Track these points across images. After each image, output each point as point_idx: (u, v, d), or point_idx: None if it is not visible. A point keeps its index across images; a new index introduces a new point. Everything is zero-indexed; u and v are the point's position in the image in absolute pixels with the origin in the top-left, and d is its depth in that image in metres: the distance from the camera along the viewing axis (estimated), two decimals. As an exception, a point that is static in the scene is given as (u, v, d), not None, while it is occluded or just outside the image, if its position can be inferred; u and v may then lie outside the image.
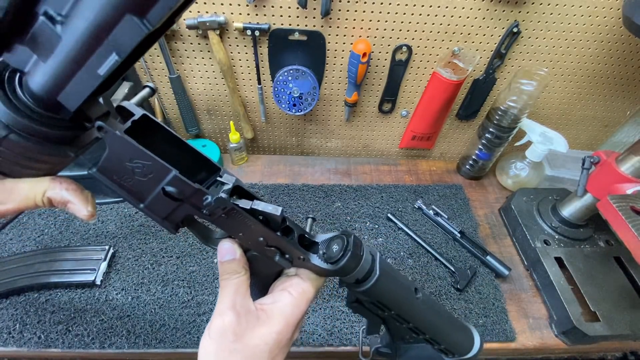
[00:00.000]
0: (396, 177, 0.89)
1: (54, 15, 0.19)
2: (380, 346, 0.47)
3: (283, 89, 0.73)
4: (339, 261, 0.31)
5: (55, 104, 0.22)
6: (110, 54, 0.19)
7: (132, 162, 0.26)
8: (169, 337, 0.57)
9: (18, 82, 0.22)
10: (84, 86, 0.21)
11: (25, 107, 0.22)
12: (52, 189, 0.26)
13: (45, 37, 0.20)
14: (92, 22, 0.19)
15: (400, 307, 0.36)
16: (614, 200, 0.54)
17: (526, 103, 0.72)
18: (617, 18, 0.67)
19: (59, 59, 0.20)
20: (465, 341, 0.41)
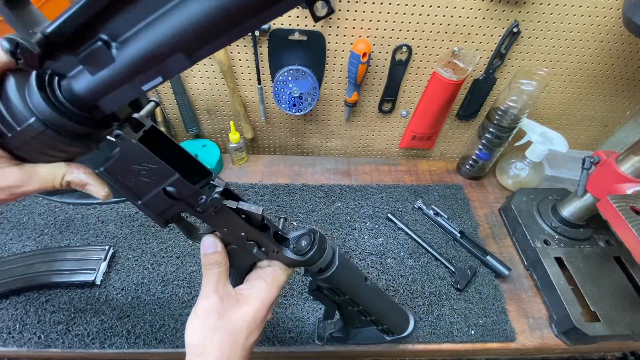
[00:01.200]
0: (396, 177, 0.89)
1: (110, 42, 0.22)
2: (334, 331, 0.54)
3: (283, 89, 0.73)
4: (307, 253, 0.37)
5: (92, 106, 0.25)
6: (156, 77, 0.23)
7: (140, 165, 0.29)
8: (169, 337, 0.57)
9: (57, 84, 0.24)
10: (125, 96, 0.24)
11: (62, 106, 0.24)
12: (70, 173, 0.29)
13: (98, 58, 0.22)
14: (149, 54, 0.22)
15: (353, 292, 0.43)
16: (614, 200, 0.54)
17: (526, 103, 0.72)
18: (617, 18, 0.67)
19: (109, 74, 0.23)
20: (402, 322, 0.50)
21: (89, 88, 0.24)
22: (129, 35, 0.21)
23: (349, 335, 0.54)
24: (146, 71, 0.23)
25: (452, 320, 0.63)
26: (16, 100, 0.24)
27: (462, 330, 0.62)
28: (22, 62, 0.21)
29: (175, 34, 0.20)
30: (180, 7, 0.20)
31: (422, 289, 0.67)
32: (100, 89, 0.24)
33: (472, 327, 0.62)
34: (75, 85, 0.24)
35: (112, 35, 0.22)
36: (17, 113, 0.24)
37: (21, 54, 0.20)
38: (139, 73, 0.23)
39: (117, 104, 0.25)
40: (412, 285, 0.67)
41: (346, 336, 0.54)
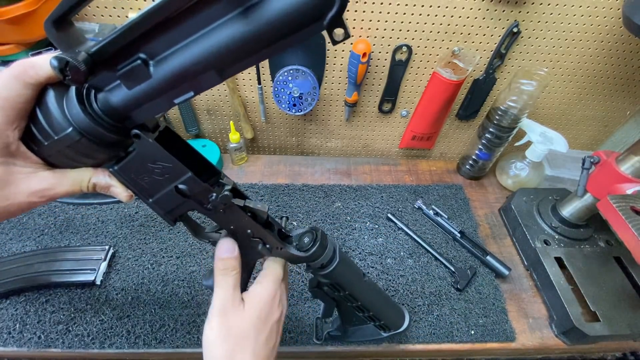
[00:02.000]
0: (396, 177, 0.89)
1: (148, 60, 0.24)
2: (332, 330, 0.55)
3: (283, 89, 0.73)
4: (310, 250, 0.39)
5: (125, 117, 0.27)
6: (188, 92, 0.25)
7: (154, 164, 0.30)
8: (169, 337, 0.57)
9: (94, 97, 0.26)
10: (158, 109, 0.26)
11: (98, 117, 0.26)
12: (96, 176, 0.31)
13: (136, 74, 0.24)
14: (184, 72, 0.24)
15: (352, 288, 0.44)
16: (614, 200, 0.54)
17: (526, 103, 0.72)
18: (617, 18, 0.67)
19: (145, 89, 0.25)
20: (398, 318, 0.51)
21: (125, 101, 0.26)
22: (166, 55, 0.24)
23: (346, 333, 0.55)
24: (179, 86, 0.25)
25: (452, 320, 0.63)
26: (55, 112, 0.26)
27: (462, 330, 0.62)
28: (69, 78, 0.23)
29: (209, 54, 0.23)
30: (215, 31, 0.22)
31: (422, 289, 0.67)
32: (135, 102, 0.26)
33: (472, 327, 0.62)
34: (112, 98, 0.26)
35: (150, 54, 0.24)
36: (56, 123, 0.26)
37: (69, 72, 0.23)
38: (173, 88, 0.25)
39: (149, 116, 0.27)
40: (412, 285, 0.67)
41: (344, 334, 0.55)
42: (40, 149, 0.28)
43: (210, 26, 0.22)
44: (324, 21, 0.20)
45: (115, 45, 0.23)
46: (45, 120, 0.26)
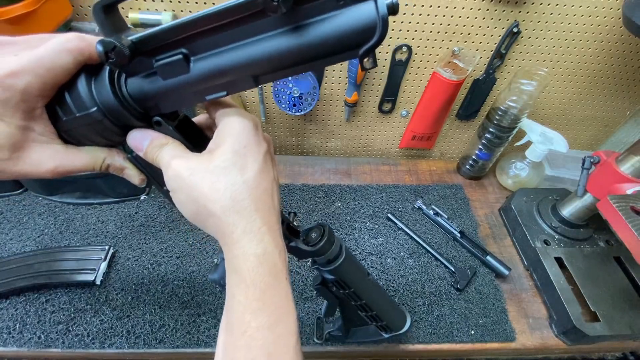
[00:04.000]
0: (396, 177, 0.89)
1: (189, 56, 0.25)
2: (333, 330, 0.55)
3: (283, 89, 0.73)
4: (318, 244, 0.39)
5: (152, 105, 0.28)
6: (221, 91, 0.26)
7: None
8: (169, 337, 0.57)
9: (124, 82, 0.27)
10: (187, 102, 0.27)
11: (126, 101, 0.27)
12: (111, 157, 0.30)
13: (175, 67, 0.25)
14: (222, 73, 0.25)
15: (357, 285, 0.44)
16: (614, 200, 0.54)
17: (526, 103, 0.72)
18: (617, 18, 0.67)
19: (180, 82, 0.26)
20: (400, 319, 0.51)
21: (157, 90, 0.26)
22: (208, 54, 0.25)
23: (347, 333, 0.55)
24: (214, 85, 0.26)
25: (452, 320, 0.63)
26: (82, 90, 0.26)
27: (462, 330, 0.62)
28: (111, 61, 0.24)
29: (251, 61, 0.24)
30: (262, 41, 0.23)
31: (422, 289, 0.67)
32: (166, 93, 0.26)
33: (472, 327, 0.62)
34: (144, 85, 0.26)
35: (192, 51, 0.25)
36: (80, 102, 0.26)
37: (114, 55, 0.23)
38: (207, 86, 0.26)
39: (177, 107, 0.28)
40: (412, 285, 0.67)
41: (345, 334, 0.55)
42: (58, 124, 0.28)
43: (258, 36, 0.23)
44: (360, 50, 0.23)
45: (160, 38, 0.24)
46: (70, 96, 0.27)
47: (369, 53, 0.23)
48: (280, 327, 0.26)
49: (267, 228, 0.27)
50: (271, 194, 0.29)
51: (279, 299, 0.27)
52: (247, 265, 0.26)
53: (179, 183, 0.27)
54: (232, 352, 0.26)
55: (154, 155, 0.29)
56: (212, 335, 0.58)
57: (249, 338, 0.25)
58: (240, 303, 0.26)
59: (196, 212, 0.27)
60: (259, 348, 0.25)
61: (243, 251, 0.26)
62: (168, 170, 0.27)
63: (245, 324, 0.26)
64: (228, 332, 0.27)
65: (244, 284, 0.26)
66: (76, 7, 0.62)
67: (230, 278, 0.27)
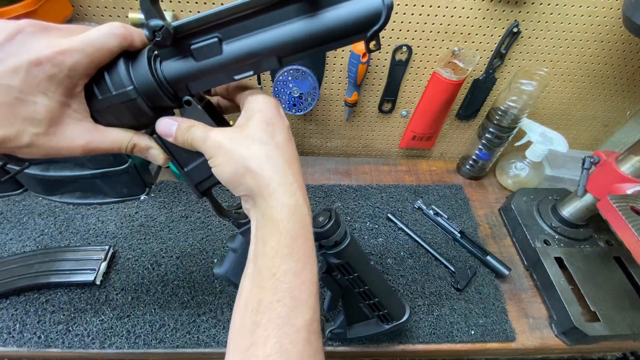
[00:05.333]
0: (396, 177, 0.89)
1: (223, 39, 0.28)
2: (334, 328, 0.56)
3: (283, 89, 0.73)
4: (325, 226, 0.41)
5: (183, 86, 0.30)
6: (249, 70, 0.29)
7: None
8: (169, 337, 0.57)
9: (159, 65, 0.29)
10: (217, 82, 0.30)
11: (160, 81, 0.29)
12: (137, 137, 0.32)
13: (210, 50, 0.28)
14: (251, 54, 0.28)
15: (361, 269, 0.46)
16: (614, 200, 0.54)
17: (526, 103, 0.72)
18: (617, 18, 0.67)
19: (212, 63, 0.28)
20: (400, 307, 0.52)
21: (191, 71, 0.29)
22: (238, 38, 0.28)
23: (349, 329, 0.55)
24: (243, 65, 0.28)
25: (452, 320, 0.63)
26: (121, 70, 0.28)
27: (462, 330, 0.62)
28: (158, 40, 0.27)
29: (276, 43, 0.27)
30: (285, 26, 0.27)
31: (422, 289, 0.67)
32: (199, 73, 0.29)
33: (472, 327, 0.62)
34: (179, 66, 0.29)
35: (225, 35, 0.28)
36: (118, 80, 0.28)
37: (161, 35, 0.26)
38: (237, 66, 0.28)
39: (207, 87, 0.30)
40: (412, 285, 0.67)
41: (346, 332, 0.55)
42: (92, 103, 0.29)
43: (283, 22, 0.27)
44: (367, 33, 0.26)
45: (197, 25, 0.27)
46: (109, 76, 0.29)
47: (374, 36, 0.27)
48: (305, 273, 0.29)
49: (297, 185, 0.30)
50: (297, 159, 0.32)
51: (305, 247, 0.30)
52: (282, 215, 0.29)
53: (218, 149, 0.30)
54: (259, 293, 0.28)
55: (184, 137, 0.31)
56: (212, 335, 0.58)
57: (276, 280, 0.28)
58: (273, 248, 0.28)
59: (234, 171, 0.29)
60: (284, 291, 0.28)
61: (278, 202, 0.29)
62: (207, 141, 0.30)
63: (275, 267, 0.28)
64: (256, 275, 0.29)
65: (277, 230, 0.29)
66: (76, 7, 0.62)
67: (265, 226, 0.29)
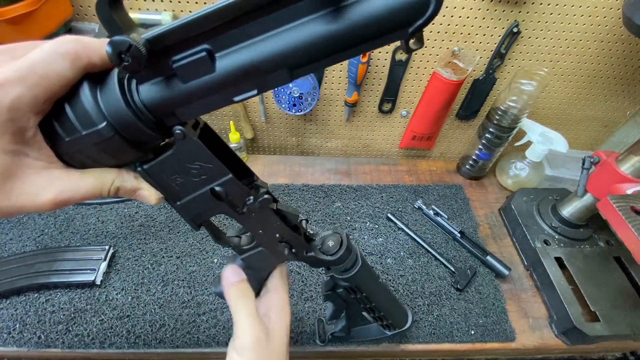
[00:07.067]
0: (396, 177, 0.89)
1: (214, 53, 0.21)
2: (335, 331, 0.55)
3: (283, 89, 0.73)
4: (337, 253, 0.38)
5: (170, 113, 0.24)
6: (252, 90, 0.22)
7: (192, 164, 0.27)
8: (169, 337, 0.57)
9: (135, 89, 0.23)
10: (212, 106, 0.23)
11: (140, 111, 0.23)
12: (121, 178, 0.27)
13: (198, 67, 0.21)
14: (253, 68, 0.21)
15: (370, 290, 0.44)
16: (614, 200, 0.54)
17: (526, 103, 0.72)
18: (617, 18, 0.67)
19: (203, 83, 0.22)
20: (403, 316, 0.52)
21: (176, 95, 0.22)
22: (235, 48, 0.21)
23: (350, 334, 0.55)
24: (244, 83, 0.22)
25: (452, 320, 0.63)
26: (87, 102, 0.22)
27: (462, 330, 0.62)
28: (127, 64, 0.20)
29: (285, 52, 0.21)
30: (297, 28, 0.20)
31: (422, 289, 0.67)
32: (188, 97, 0.23)
33: (472, 327, 0.62)
34: (161, 91, 0.23)
35: (216, 46, 0.21)
36: (85, 116, 0.22)
37: (130, 57, 0.19)
38: (236, 85, 0.22)
39: (199, 113, 0.24)
40: (412, 285, 0.67)
41: (347, 335, 0.55)
42: (57, 146, 0.24)
43: (294, 22, 0.20)
44: (409, 29, 0.20)
45: (179, 34, 0.20)
46: (73, 111, 0.22)
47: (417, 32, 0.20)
48: None
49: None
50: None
51: None
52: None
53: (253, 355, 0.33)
54: None
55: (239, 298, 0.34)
56: (212, 335, 0.58)
57: None
58: None
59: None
60: None
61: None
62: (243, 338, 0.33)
63: None
64: None
65: None
66: (76, 7, 0.62)
67: None
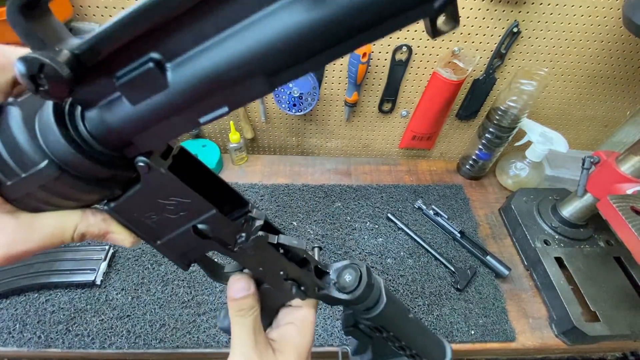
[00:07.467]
0: (396, 177, 0.89)
1: (164, 63, 0.16)
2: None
3: (283, 89, 0.73)
4: (355, 291, 0.31)
5: (126, 143, 0.19)
6: (221, 107, 0.17)
7: (166, 200, 0.23)
8: (169, 337, 0.57)
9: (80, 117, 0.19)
10: (174, 131, 0.18)
11: (87, 144, 0.19)
12: (86, 222, 0.22)
13: (146, 83, 0.16)
14: (219, 78, 0.16)
15: (398, 329, 0.37)
16: (614, 200, 0.54)
17: (526, 103, 0.72)
18: (617, 18, 0.67)
19: (158, 103, 0.17)
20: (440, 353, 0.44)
21: (127, 121, 0.18)
22: (192, 54, 0.16)
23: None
24: (209, 99, 0.17)
25: (452, 320, 0.63)
26: (22, 139, 0.18)
27: (462, 330, 0.62)
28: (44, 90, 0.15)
29: (259, 52, 0.15)
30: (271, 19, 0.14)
31: (422, 289, 0.67)
32: (142, 122, 0.18)
33: (472, 327, 0.62)
34: (108, 117, 0.18)
35: (167, 53, 0.16)
36: (24, 155, 0.18)
37: (45, 79, 0.15)
38: (198, 102, 0.17)
39: (161, 141, 0.19)
40: (412, 285, 0.67)
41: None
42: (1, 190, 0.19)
43: (263, 11, 0.14)
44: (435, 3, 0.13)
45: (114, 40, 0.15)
46: (6, 148, 0.18)
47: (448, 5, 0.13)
48: None
49: None
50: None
51: None
52: None
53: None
54: None
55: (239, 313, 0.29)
56: (212, 335, 0.58)
57: None
58: None
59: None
60: None
61: None
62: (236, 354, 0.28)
63: None
64: None
65: None
66: (76, 7, 0.62)
67: None
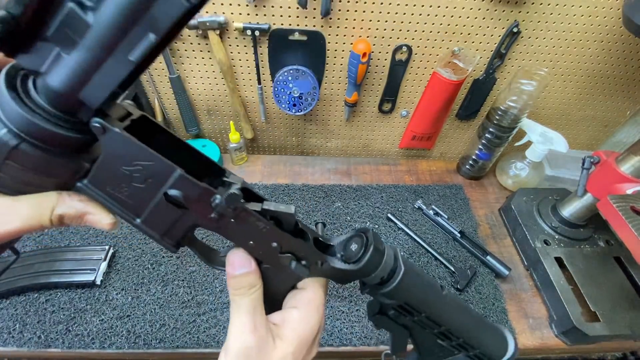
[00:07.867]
0: (396, 177, 0.89)
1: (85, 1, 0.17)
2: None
3: (283, 89, 0.73)
4: (361, 259, 0.28)
5: (75, 103, 0.20)
6: (145, 35, 0.17)
7: (131, 165, 0.22)
8: (169, 337, 0.57)
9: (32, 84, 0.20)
10: (111, 78, 0.19)
11: (40, 108, 0.19)
12: (62, 203, 0.22)
13: (72, 27, 0.17)
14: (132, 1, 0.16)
15: (430, 307, 0.32)
16: (614, 200, 0.54)
17: (526, 103, 0.72)
18: (617, 18, 0.67)
19: (86, 48, 0.18)
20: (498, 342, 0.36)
21: (67, 75, 0.19)
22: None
23: None
24: (131, 30, 0.17)
25: (452, 320, 0.63)
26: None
27: (462, 330, 0.62)
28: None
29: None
30: None
31: (422, 289, 0.66)
32: (80, 73, 0.18)
33: (472, 327, 0.62)
34: (52, 77, 0.19)
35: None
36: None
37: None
38: (124, 34, 0.17)
39: (103, 93, 0.19)
40: (412, 285, 0.67)
41: None
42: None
43: None
44: None
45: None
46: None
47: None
48: None
49: None
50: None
51: None
52: None
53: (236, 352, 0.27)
54: None
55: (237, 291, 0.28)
56: (212, 335, 0.58)
57: None
58: None
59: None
60: None
61: None
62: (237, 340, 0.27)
63: None
64: None
65: None
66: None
67: None
